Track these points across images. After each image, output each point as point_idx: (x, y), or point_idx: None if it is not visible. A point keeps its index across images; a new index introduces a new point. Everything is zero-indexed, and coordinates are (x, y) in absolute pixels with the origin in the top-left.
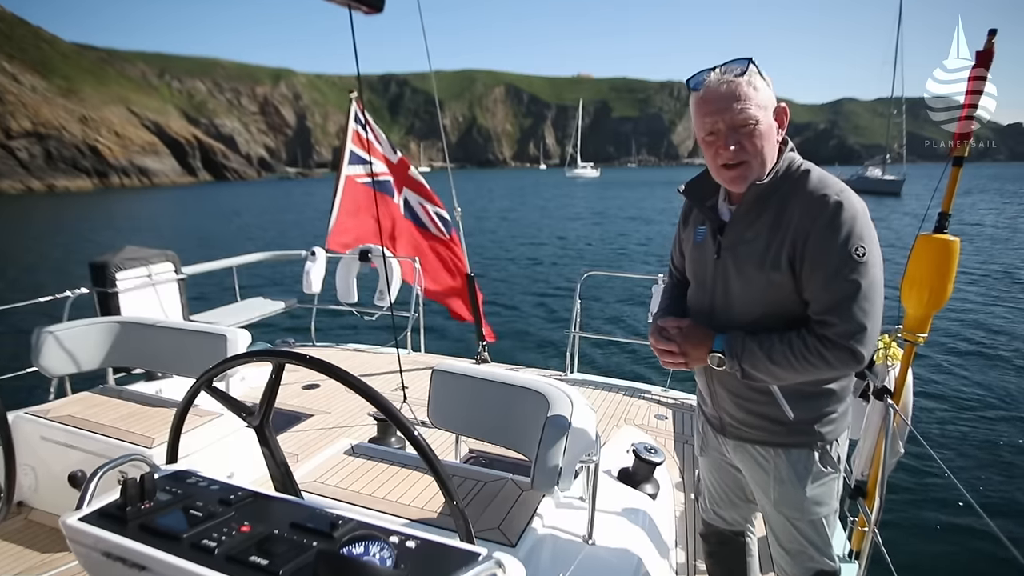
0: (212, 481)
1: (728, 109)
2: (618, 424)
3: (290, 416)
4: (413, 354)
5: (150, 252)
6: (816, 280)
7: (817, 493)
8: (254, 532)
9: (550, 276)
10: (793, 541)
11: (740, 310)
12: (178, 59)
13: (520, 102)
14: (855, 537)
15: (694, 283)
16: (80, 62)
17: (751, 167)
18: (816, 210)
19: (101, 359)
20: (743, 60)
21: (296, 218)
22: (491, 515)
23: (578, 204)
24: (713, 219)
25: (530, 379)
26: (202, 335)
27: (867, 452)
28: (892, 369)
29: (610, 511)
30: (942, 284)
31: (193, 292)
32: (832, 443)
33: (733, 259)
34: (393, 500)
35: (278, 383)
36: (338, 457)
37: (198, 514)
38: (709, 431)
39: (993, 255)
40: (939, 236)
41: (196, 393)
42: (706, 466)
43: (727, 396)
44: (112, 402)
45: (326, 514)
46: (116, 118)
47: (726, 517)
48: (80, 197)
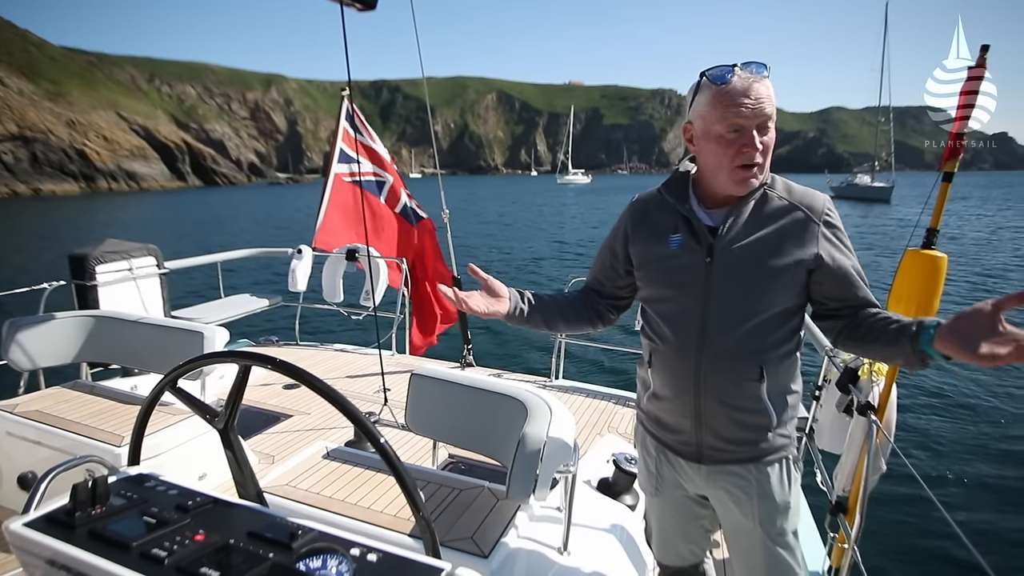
0: (171, 486)
1: (760, 106)
2: (601, 433)
3: (268, 416)
4: (398, 356)
5: (131, 246)
6: (849, 275)
7: (796, 501)
8: (208, 541)
9: (539, 280)
10: (773, 562)
11: (740, 313)
12: (168, 64)
13: (512, 109)
14: (835, 554)
15: (674, 293)
16: (68, 66)
17: (764, 168)
18: (827, 218)
19: (74, 354)
20: (761, 64)
21: (286, 223)
22: (465, 524)
23: (568, 209)
24: (696, 222)
25: (509, 386)
26: (178, 332)
27: (849, 468)
28: (876, 385)
29: (588, 522)
30: (929, 300)
31: (178, 288)
32: (796, 446)
33: (730, 260)
34: (366, 507)
35: (244, 385)
36: (313, 460)
37: (152, 521)
38: (668, 465)
39: (977, 262)
40: (927, 252)
41: (160, 393)
42: (661, 508)
43: (721, 411)
44: (84, 398)
45: (286, 523)
46: (104, 122)
47: (684, 552)
48: (66, 200)
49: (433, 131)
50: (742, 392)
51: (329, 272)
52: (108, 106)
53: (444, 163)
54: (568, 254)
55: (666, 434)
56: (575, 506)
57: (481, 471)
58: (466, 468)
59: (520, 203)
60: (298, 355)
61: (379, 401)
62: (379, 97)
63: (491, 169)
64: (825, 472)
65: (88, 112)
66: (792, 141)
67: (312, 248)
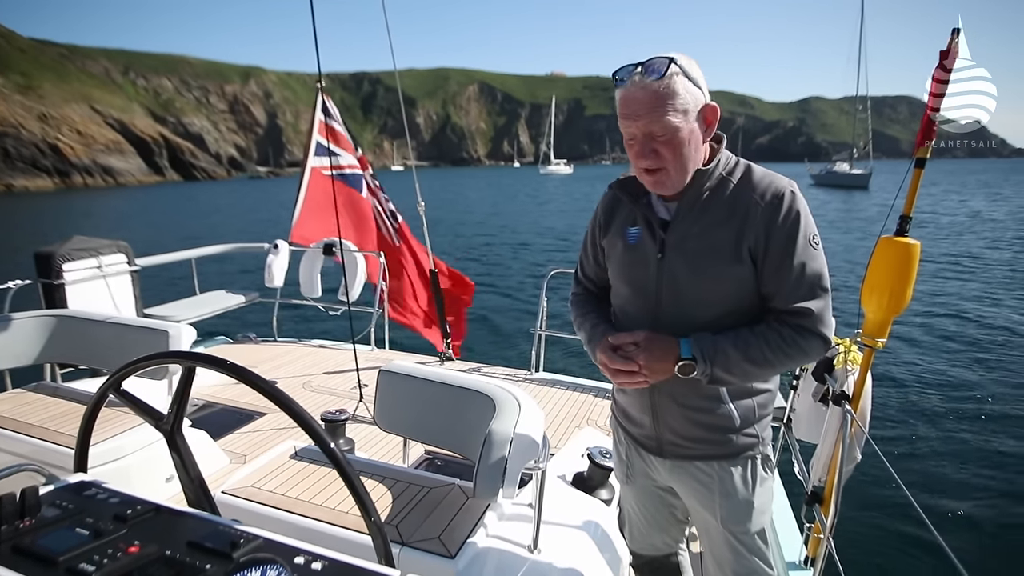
0: (113, 494)
1: (644, 116)
2: (579, 425)
3: (241, 415)
4: (377, 351)
5: (100, 243)
6: (784, 272)
7: (762, 501)
8: (143, 553)
9: (520, 272)
10: (740, 560)
11: (692, 309)
12: (143, 56)
13: (494, 100)
14: (811, 544)
15: (629, 289)
16: (39, 58)
17: (669, 174)
18: (775, 204)
19: (37, 354)
20: (664, 60)
21: (267, 217)
22: (432, 524)
23: (550, 199)
24: (651, 216)
25: (478, 381)
26: (143, 330)
27: (825, 458)
28: (851, 374)
29: (561, 518)
30: (902, 288)
31: (153, 286)
32: (769, 445)
33: (683, 256)
34: (332, 507)
35: (189, 386)
36: (280, 460)
37: (84, 532)
38: (637, 456)
39: (953, 247)
40: (900, 239)
41: (103, 396)
42: (632, 495)
43: (676, 410)
44: (45, 400)
45: (229, 531)
46: (78, 116)
47: (657, 543)
48: (40, 197)
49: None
50: (695, 391)
51: (306, 267)
52: (81, 99)
53: (426, 155)
54: (550, 240)
55: (631, 426)
56: (548, 503)
57: (457, 467)
58: (442, 464)
59: (503, 192)
60: (276, 351)
61: (355, 397)
62: (360, 89)
63: (474, 161)
64: (802, 462)
65: (60, 106)
66: (772, 131)
67: (289, 243)
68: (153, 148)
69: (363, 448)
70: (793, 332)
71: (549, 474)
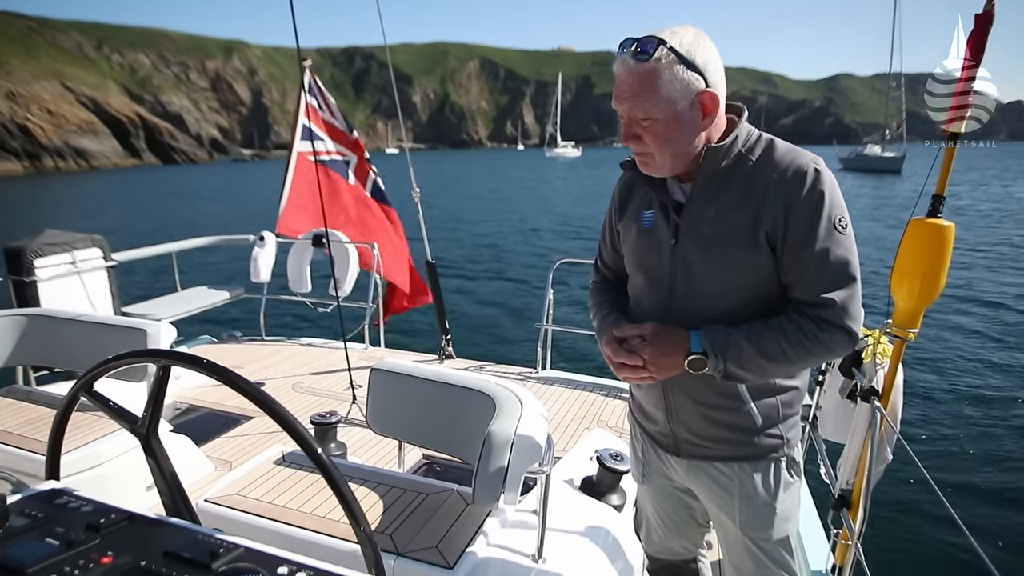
0: (87, 502)
1: (627, 100)
2: (589, 427)
3: (227, 419)
4: (371, 349)
5: (74, 236)
6: (804, 258)
7: (786, 507)
8: (116, 564)
9: (524, 263)
10: (761, 570)
11: (707, 300)
12: (118, 29)
13: (496, 78)
14: (838, 551)
15: (643, 277)
16: (6, 31)
17: (654, 159)
18: (795, 182)
19: (8, 356)
20: (653, 41)
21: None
22: (430, 532)
23: (556, 185)
24: (665, 198)
25: (478, 379)
26: (120, 329)
27: (853, 458)
28: (881, 368)
29: (568, 525)
30: (935, 274)
31: (132, 283)
32: (796, 447)
33: (696, 241)
34: (321, 516)
35: (164, 387)
36: (267, 467)
37: (55, 542)
38: (653, 454)
39: (987, 236)
40: (932, 221)
41: (74, 399)
42: (649, 495)
43: (691, 407)
44: (17, 405)
45: (210, 541)
46: (48, 94)
47: (675, 547)
48: (8, 181)
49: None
50: (712, 389)
51: (295, 260)
52: (52, 76)
53: (424, 137)
54: (557, 229)
55: (647, 423)
56: (554, 509)
57: (458, 472)
58: (441, 469)
59: (505, 177)
60: (263, 351)
61: (348, 399)
62: (352, 65)
63: (475, 143)
64: (828, 463)
65: (29, 83)
66: (797, 111)
67: (275, 234)
68: (129, 129)
69: (356, 453)
70: (814, 325)
71: (556, 478)
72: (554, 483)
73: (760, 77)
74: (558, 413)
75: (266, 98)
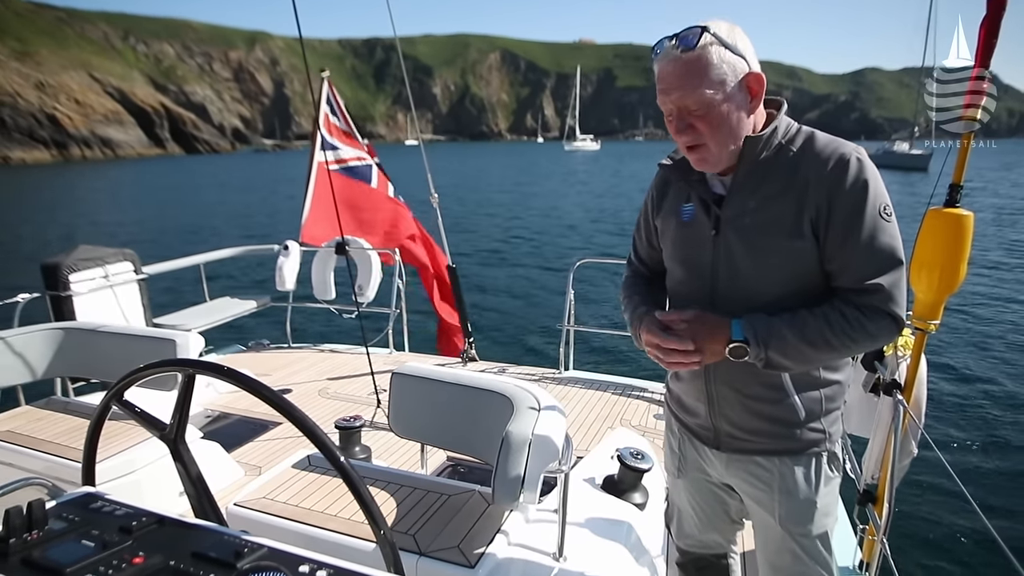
0: (120, 506)
1: (676, 90)
2: (612, 426)
3: (255, 425)
4: (396, 354)
5: (106, 252)
6: (851, 246)
7: (826, 502)
8: (147, 564)
9: (545, 263)
10: (798, 564)
11: (751, 291)
12: (144, 20)
13: (517, 70)
14: (866, 546)
15: (683, 269)
16: (36, 23)
17: (709, 150)
18: (839, 171)
19: (47, 368)
20: (696, 30)
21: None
22: (452, 533)
23: (576, 181)
24: (704, 192)
25: (496, 380)
26: (150, 340)
27: (877, 453)
28: (904, 361)
29: (589, 524)
30: (954, 264)
31: (162, 293)
32: (838, 442)
33: (738, 232)
34: (345, 518)
35: (190, 394)
36: (293, 471)
37: (90, 544)
38: (691, 448)
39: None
40: (950, 211)
41: (107, 408)
42: (684, 489)
43: (734, 399)
44: (56, 416)
45: (234, 541)
46: (76, 84)
47: (708, 541)
48: (37, 169)
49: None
50: (755, 379)
51: (319, 268)
52: (80, 66)
53: (443, 128)
54: (578, 226)
55: (686, 416)
56: (576, 508)
57: (481, 473)
58: (465, 471)
59: (524, 172)
60: (289, 358)
61: (372, 404)
62: (372, 56)
63: (494, 135)
64: (854, 459)
65: (58, 73)
66: (821, 105)
67: (299, 243)
68: (154, 119)
69: (381, 456)
70: (858, 312)
71: (577, 477)
72: (576, 482)
73: (785, 71)
74: (580, 413)
75: (288, 88)
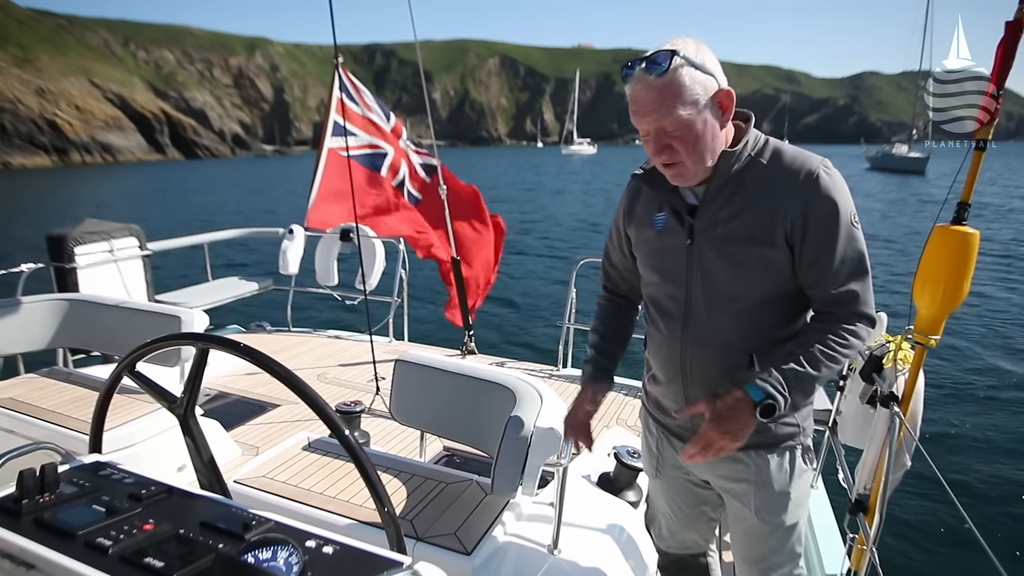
0: (128, 474)
1: (651, 114)
2: (608, 425)
3: (254, 406)
4: (396, 342)
5: (112, 226)
6: (829, 256)
7: (799, 493)
8: (157, 531)
9: (546, 262)
10: (771, 555)
11: (723, 300)
12: (144, 27)
13: (516, 75)
14: (854, 556)
15: (659, 277)
16: (37, 29)
17: (687, 167)
18: (810, 185)
19: (50, 339)
20: (666, 54)
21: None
22: (449, 520)
23: (574, 184)
24: (678, 202)
25: (499, 373)
26: (155, 316)
27: (871, 464)
28: (902, 374)
29: (584, 519)
30: (958, 281)
31: (165, 272)
32: (810, 436)
33: (712, 241)
34: (345, 500)
35: (202, 369)
36: (293, 451)
37: (101, 509)
38: (669, 447)
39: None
40: (956, 228)
41: (118, 378)
42: (662, 489)
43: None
44: (58, 385)
45: (242, 514)
46: (76, 90)
47: (686, 540)
48: (38, 175)
49: (431, 99)
50: (729, 380)
51: (322, 253)
52: (80, 73)
53: (443, 134)
54: (575, 226)
55: (664, 417)
56: (571, 503)
57: (477, 465)
58: (461, 462)
59: (517, 184)
60: (289, 342)
61: (371, 391)
62: (372, 62)
63: (494, 140)
64: (847, 469)
65: (59, 79)
66: (821, 109)
67: (304, 228)
68: (154, 124)
69: (379, 443)
70: (839, 325)
71: (573, 473)
72: (572, 478)
73: (784, 75)
74: None
75: (288, 95)
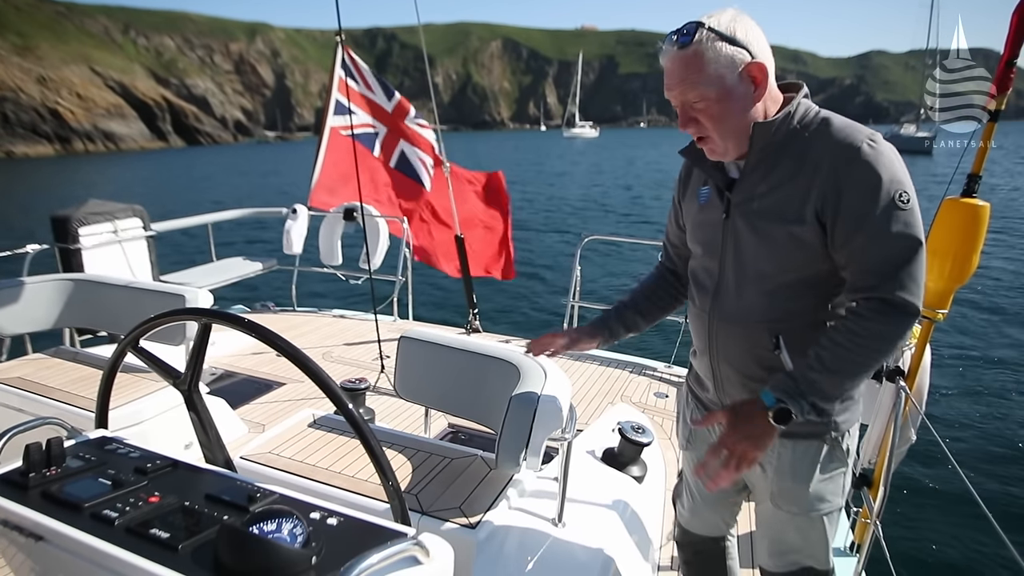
0: (134, 448)
1: (677, 86)
2: (613, 401)
3: (260, 384)
4: (400, 321)
5: (116, 207)
6: (860, 235)
7: (821, 488)
8: (163, 503)
9: (550, 241)
10: (789, 538)
11: (755, 275)
12: (144, 13)
13: (519, 58)
14: (858, 529)
15: (701, 250)
16: (36, 17)
17: (714, 141)
18: (847, 158)
19: (55, 319)
20: (692, 25)
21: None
22: (454, 494)
23: (577, 165)
24: (718, 176)
25: (503, 348)
26: (160, 295)
27: (876, 438)
28: (908, 348)
29: (589, 494)
30: (967, 255)
31: (168, 252)
32: (844, 433)
33: (744, 216)
34: (350, 475)
35: (205, 344)
36: (298, 428)
37: (107, 483)
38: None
39: None
40: (967, 200)
41: (122, 354)
42: (691, 462)
43: (736, 379)
44: (65, 364)
45: (246, 487)
46: (77, 78)
47: (707, 519)
48: (41, 163)
49: (433, 83)
50: (755, 361)
51: (326, 233)
52: (81, 60)
53: (445, 118)
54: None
55: (699, 390)
56: (576, 478)
57: (481, 441)
58: (466, 438)
59: (521, 165)
60: (294, 321)
61: (376, 368)
62: (374, 47)
63: (497, 124)
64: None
65: (59, 67)
66: (827, 89)
67: (308, 207)
68: (156, 112)
69: (384, 420)
70: (873, 316)
71: (578, 449)
72: (576, 453)
73: (790, 55)
74: (583, 388)
75: (289, 80)
